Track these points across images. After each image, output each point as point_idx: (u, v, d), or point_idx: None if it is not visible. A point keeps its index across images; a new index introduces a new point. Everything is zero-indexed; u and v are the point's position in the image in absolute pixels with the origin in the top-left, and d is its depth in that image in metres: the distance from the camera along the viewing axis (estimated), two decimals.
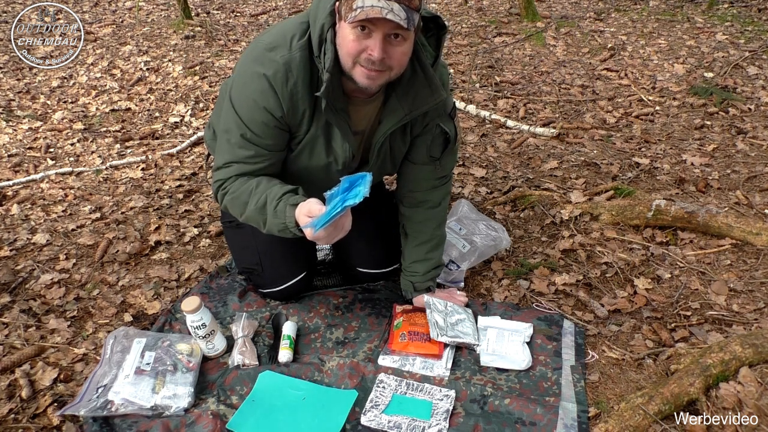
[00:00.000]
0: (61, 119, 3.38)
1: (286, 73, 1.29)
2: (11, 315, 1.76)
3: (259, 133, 1.36)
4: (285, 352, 1.56)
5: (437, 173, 1.63)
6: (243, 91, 1.34)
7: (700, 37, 4.17)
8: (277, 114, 1.33)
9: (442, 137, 1.55)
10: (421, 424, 1.35)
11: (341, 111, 1.36)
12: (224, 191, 1.43)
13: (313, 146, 1.43)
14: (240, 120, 1.36)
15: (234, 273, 1.95)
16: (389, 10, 1.14)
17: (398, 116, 1.42)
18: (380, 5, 1.13)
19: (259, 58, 1.30)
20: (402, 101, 1.40)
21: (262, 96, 1.31)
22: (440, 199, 1.68)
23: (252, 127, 1.36)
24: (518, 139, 2.89)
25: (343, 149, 1.43)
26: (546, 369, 1.50)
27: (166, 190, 2.55)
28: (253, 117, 1.34)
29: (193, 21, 4.88)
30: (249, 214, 1.39)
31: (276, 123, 1.35)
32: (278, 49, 1.29)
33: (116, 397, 1.39)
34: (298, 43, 1.29)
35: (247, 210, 1.38)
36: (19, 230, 2.24)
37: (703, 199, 2.25)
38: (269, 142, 1.39)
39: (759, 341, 1.44)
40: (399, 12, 1.14)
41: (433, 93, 1.40)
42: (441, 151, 1.58)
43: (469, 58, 4.04)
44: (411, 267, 1.72)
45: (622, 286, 1.83)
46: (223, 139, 1.43)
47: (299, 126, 1.39)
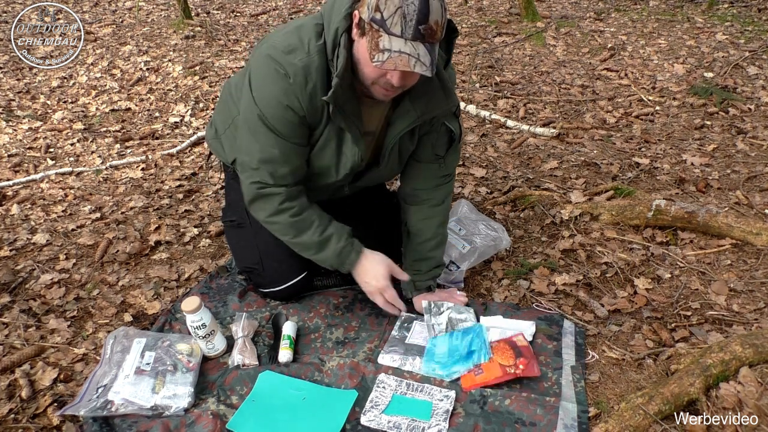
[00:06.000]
0: (61, 119, 3.38)
1: (306, 77, 1.30)
2: (11, 315, 1.76)
3: (287, 130, 1.37)
4: (285, 352, 1.56)
5: (441, 171, 1.64)
6: (265, 90, 1.34)
7: (700, 37, 4.17)
8: (301, 114, 1.35)
9: (447, 135, 1.56)
10: (420, 424, 1.35)
11: (352, 115, 1.37)
12: (281, 208, 1.46)
13: (324, 148, 1.44)
14: (266, 118, 1.36)
15: (234, 273, 1.95)
16: (416, 59, 1.16)
17: (410, 118, 1.43)
18: (408, 51, 1.15)
19: (279, 60, 1.31)
20: (415, 104, 1.41)
21: (285, 96, 1.32)
22: (443, 197, 1.68)
23: (278, 125, 1.36)
24: (518, 139, 2.89)
25: (353, 152, 1.44)
26: (546, 369, 1.50)
27: (166, 190, 2.55)
28: (279, 115, 1.35)
29: (193, 21, 4.88)
30: (303, 241, 1.50)
31: (300, 120, 1.37)
32: (296, 52, 1.30)
33: (116, 397, 1.39)
34: (315, 45, 1.29)
35: (303, 237, 1.49)
36: (19, 230, 2.24)
37: (703, 199, 2.25)
38: (297, 140, 1.40)
39: (759, 341, 1.44)
40: (425, 58, 1.17)
41: (447, 97, 1.42)
42: (446, 150, 1.59)
43: (469, 58, 4.05)
44: (413, 265, 1.72)
45: (622, 286, 1.83)
46: (246, 136, 1.43)
47: (317, 126, 1.40)
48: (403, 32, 1.14)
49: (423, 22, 1.14)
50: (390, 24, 1.14)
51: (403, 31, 1.14)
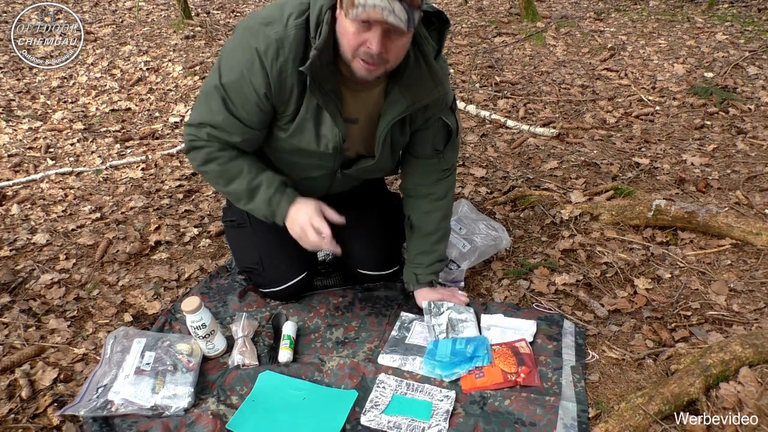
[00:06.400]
0: (61, 119, 3.38)
1: (278, 50, 1.28)
2: (11, 315, 1.76)
3: (240, 105, 1.36)
4: (285, 352, 1.56)
5: (441, 166, 1.64)
6: (232, 58, 1.33)
7: (700, 37, 4.17)
8: (261, 91, 1.33)
9: (444, 130, 1.56)
10: (420, 424, 1.35)
11: (330, 93, 1.34)
12: (210, 157, 1.45)
13: (302, 129, 1.42)
14: (223, 87, 1.35)
15: (234, 273, 1.95)
16: (390, 10, 1.13)
17: (400, 108, 1.42)
18: (382, 5, 1.13)
19: (254, 30, 1.30)
20: (404, 93, 1.40)
21: (250, 69, 1.31)
22: (445, 191, 1.68)
23: (234, 96, 1.35)
24: (518, 139, 2.89)
25: (333, 133, 1.41)
26: (546, 369, 1.50)
27: (166, 190, 2.55)
28: (238, 87, 1.34)
29: (193, 21, 4.88)
30: (233, 189, 1.48)
31: (258, 101, 1.35)
32: (273, 24, 1.28)
33: (116, 397, 1.39)
34: (294, 21, 1.28)
35: (233, 185, 1.47)
36: (19, 230, 2.24)
37: (703, 199, 2.25)
38: (246, 116, 1.38)
39: (759, 341, 1.44)
40: (400, 13, 1.14)
41: (436, 85, 1.40)
42: (444, 144, 1.59)
43: (469, 58, 4.04)
44: (416, 259, 1.72)
45: (622, 286, 1.83)
46: (202, 98, 1.42)
47: (286, 105, 1.38)
48: None
49: None
50: None
51: None
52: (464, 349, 1.52)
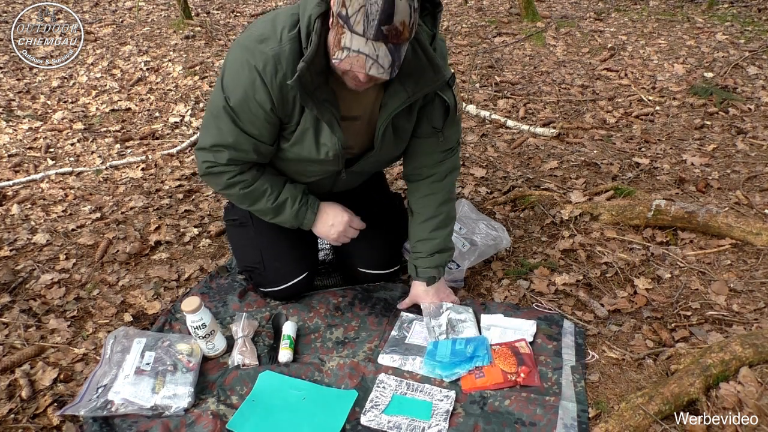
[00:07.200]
0: (61, 119, 3.38)
1: (276, 66, 1.29)
2: (11, 315, 1.76)
3: (249, 122, 1.37)
4: (285, 352, 1.56)
5: (442, 146, 1.60)
6: (234, 78, 1.34)
7: (700, 37, 4.17)
8: (267, 107, 1.34)
9: (441, 107, 1.52)
10: (420, 424, 1.35)
11: (324, 102, 1.35)
12: (230, 182, 1.48)
13: (303, 139, 1.43)
14: (231, 108, 1.36)
15: (234, 273, 1.95)
16: (374, 60, 1.14)
17: (401, 99, 1.41)
18: (366, 52, 1.14)
19: (250, 49, 1.30)
20: (405, 83, 1.39)
21: (252, 87, 1.32)
22: (446, 172, 1.64)
23: (242, 115, 1.36)
24: (518, 139, 2.89)
25: (332, 141, 1.42)
26: (546, 369, 1.50)
27: (166, 190, 2.55)
28: (245, 105, 1.35)
29: (193, 21, 4.88)
30: (259, 208, 1.55)
31: (266, 116, 1.36)
32: (268, 41, 1.29)
33: (116, 397, 1.39)
34: (288, 35, 1.28)
35: (258, 205, 1.54)
36: (19, 230, 2.24)
37: (703, 199, 2.25)
38: (257, 132, 1.40)
39: (759, 341, 1.44)
40: (384, 59, 1.15)
41: (437, 74, 1.39)
42: (442, 122, 1.55)
43: (469, 58, 4.05)
44: (415, 247, 1.68)
45: (622, 286, 1.83)
46: (210, 121, 1.43)
47: (290, 117, 1.39)
48: (365, 32, 1.12)
49: (386, 23, 1.11)
50: (353, 22, 1.13)
51: (365, 30, 1.12)
52: (464, 349, 1.52)
